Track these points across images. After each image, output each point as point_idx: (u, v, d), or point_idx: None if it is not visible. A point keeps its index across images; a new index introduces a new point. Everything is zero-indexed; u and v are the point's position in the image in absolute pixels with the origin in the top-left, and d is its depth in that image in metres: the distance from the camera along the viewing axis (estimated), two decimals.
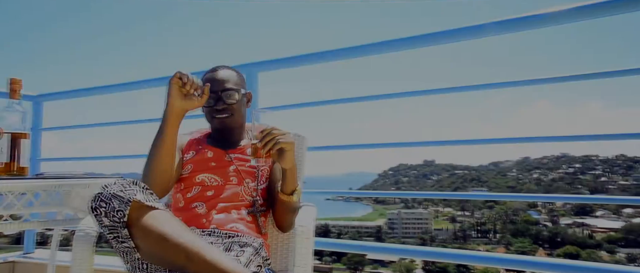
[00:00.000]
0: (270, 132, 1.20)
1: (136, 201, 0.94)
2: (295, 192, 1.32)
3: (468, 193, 30.41)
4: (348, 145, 2.28)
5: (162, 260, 0.94)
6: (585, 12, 1.41)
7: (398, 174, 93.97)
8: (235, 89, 1.41)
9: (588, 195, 40.21)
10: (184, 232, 0.95)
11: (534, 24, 1.58)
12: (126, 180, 1.00)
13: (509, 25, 1.63)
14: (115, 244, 0.96)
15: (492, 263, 1.78)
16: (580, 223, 54.61)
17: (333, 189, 4.12)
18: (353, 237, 54.92)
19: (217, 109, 1.41)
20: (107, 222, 0.93)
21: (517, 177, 78.70)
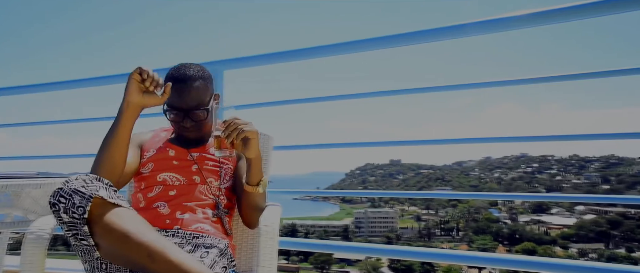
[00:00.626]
0: (232, 122, 1.18)
1: (98, 197, 0.90)
2: (261, 182, 1.30)
3: (433, 192, 31.07)
4: (315, 144, 2.27)
5: (123, 260, 0.90)
6: (547, 17, 1.46)
7: (365, 173, 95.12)
8: (203, 108, 1.34)
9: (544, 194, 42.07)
10: (147, 231, 0.91)
11: (501, 27, 1.61)
12: (90, 176, 0.96)
13: (477, 27, 1.66)
14: (74, 242, 0.92)
15: (455, 260, 1.82)
16: (537, 221, 57.08)
17: (300, 189, 4.08)
18: (320, 236, 55.11)
19: (182, 127, 1.35)
20: (67, 218, 0.89)
21: (480, 176, 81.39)
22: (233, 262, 1.23)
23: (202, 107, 1.35)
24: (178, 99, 1.32)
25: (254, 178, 1.29)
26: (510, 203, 63.18)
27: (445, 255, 1.85)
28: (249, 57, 2.16)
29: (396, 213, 64.21)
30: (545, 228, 54.62)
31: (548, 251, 45.26)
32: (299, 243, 2.16)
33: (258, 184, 1.30)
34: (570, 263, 1.54)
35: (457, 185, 77.36)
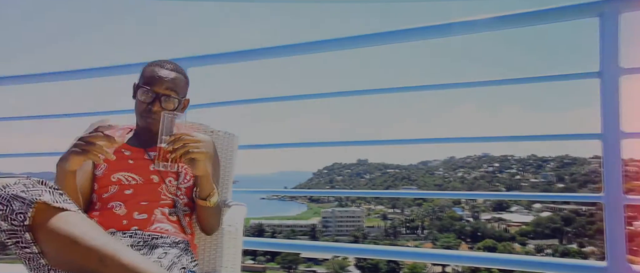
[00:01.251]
0: (180, 138, 1.13)
1: (41, 202, 0.85)
2: (211, 196, 1.27)
3: (399, 191, 31.58)
4: (281, 143, 2.26)
5: (71, 266, 0.85)
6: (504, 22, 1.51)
7: (333, 173, 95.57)
8: (176, 98, 1.32)
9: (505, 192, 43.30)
10: (97, 234, 0.87)
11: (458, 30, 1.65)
12: (31, 180, 0.90)
13: (439, 30, 1.69)
14: (16, 250, 0.86)
15: (419, 258, 1.86)
16: (498, 218, 59.13)
17: (268, 188, 4.06)
18: (287, 236, 54.96)
19: (149, 109, 1.31)
20: (6, 225, 0.84)
21: (444, 176, 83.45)
22: (194, 262, 1.20)
23: (176, 96, 1.33)
24: (156, 80, 1.30)
25: (203, 192, 1.26)
26: (473, 201, 65.14)
27: (410, 253, 1.88)
28: (215, 54, 2.12)
29: (363, 213, 64.90)
30: (505, 225, 56.63)
31: (508, 247, 46.99)
32: (265, 243, 2.14)
33: (208, 198, 1.27)
34: (527, 259, 1.61)
35: (422, 184, 79.01)
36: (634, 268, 1.31)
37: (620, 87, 1.31)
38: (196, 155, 1.15)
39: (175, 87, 1.32)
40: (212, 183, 1.27)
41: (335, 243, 2.23)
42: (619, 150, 1.32)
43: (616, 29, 1.32)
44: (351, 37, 1.92)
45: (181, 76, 1.36)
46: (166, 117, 1.14)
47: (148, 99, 1.31)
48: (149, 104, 1.31)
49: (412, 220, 61.82)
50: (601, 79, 1.32)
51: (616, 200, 1.32)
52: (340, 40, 1.96)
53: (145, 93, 1.31)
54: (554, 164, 78.78)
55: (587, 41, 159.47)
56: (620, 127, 1.31)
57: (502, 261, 1.63)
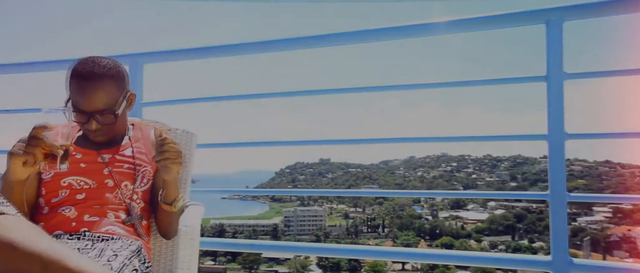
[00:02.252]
0: (167, 145, 1.14)
1: None
2: (177, 200, 1.24)
3: (360, 190, 31.83)
4: (241, 142, 2.23)
5: None
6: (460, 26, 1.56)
7: (295, 172, 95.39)
8: (111, 111, 1.19)
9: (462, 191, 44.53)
10: (39, 238, 0.81)
11: (421, 32, 1.69)
12: None
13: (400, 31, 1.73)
14: None
15: (380, 256, 1.89)
16: (455, 216, 61.11)
17: (229, 188, 3.99)
18: (249, 236, 54.38)
19: (88, 128, 1.22)
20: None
21: (404, 175, 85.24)
22: (147, 265, 1.16)
23: (111, 109, 1.20)
24: (82, 99, 1.17)
25: (168, 197, 1.23)
26: (432, 200, 66.87)
27: (371, 251, 1.92)
28: (172, 50, 2.06)
29: (325, 212, 65.24)
30: (462, 223, 58.58)
31: (464, 244, 48.67)
32: (225, 243, 2.11)
33: (172, 203, 1.24)
34: (481, 255, 1.68)
35: (383, 183, 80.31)
36: (575, 262, 1.40)
37: (564, 90, 1.39)
38: (173, 166, 1.14)
39: (106, 99, 1.19)
40: (178, 188, 1.25)
41: (297, 242, 2.23)
42: (562, 151, 1.39)
43: (561, 36, 1.39)
44: (315, 37, 1.93)
45: (110, 81, 1.20)
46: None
47: (83, 120, 1.21)
48: (85, 123, 1.21)
49: (373, 219, 62.76)
50: (547, 83, 1.40)
51: (560, 198, 1.40)
52: (305, 39, 1.96)
53: (77, 116, 1.20)
54: (508, 164, 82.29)
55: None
56: (564, 128, 1.39)
57: (458, 258, 1.70)
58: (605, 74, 1.50)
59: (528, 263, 1.49)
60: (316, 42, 1.94)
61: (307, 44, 1.98)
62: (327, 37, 1.88)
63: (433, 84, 1.76)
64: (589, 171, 72.00)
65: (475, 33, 1.57)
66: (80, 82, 1.17)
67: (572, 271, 1.37)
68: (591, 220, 53.18)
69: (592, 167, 73.71)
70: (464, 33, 1.53)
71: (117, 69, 1.24)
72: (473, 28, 1.52)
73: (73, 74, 1.19)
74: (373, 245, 48.52)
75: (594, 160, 76.51)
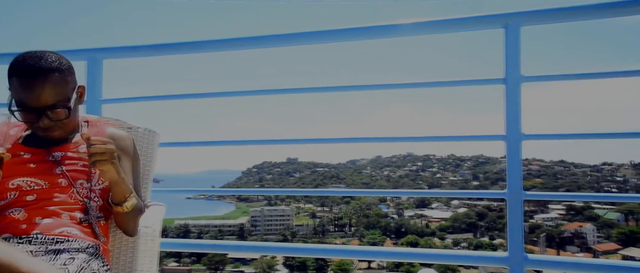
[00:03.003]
0: (95, 151, 1.07)
1: None
2: (127, 200, 1.18)
3: (328, 189, 32.09)
4: (206, 141, 2.19)
5: None
6: (423, 28, 1.60)
7: (262, 171, 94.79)
8: (63, 105, 1.13)
9: (427, 190, 45.68)
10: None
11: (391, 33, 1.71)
12: None
13: (365, 32, 1.75)
14: None
15: (347, 255, 1.90)
16: (420, 215, 62.45)
17: (194, 187, 3.94)
18: (215, 236, 53.54)
19: (38, 127, 1.14)
20: None
21: (371, 174, 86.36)
22: (105, 267, 1.11)
23: (63, 103, 1.14)
24: (30, 96, 1.09)
25: (115, 198, 1.17)
26: (398, 199, 68.01)
27: (338, 250, 1.93)
28: (133, 46, 2.00)
29: (292, 211, 65.12)
30: (426, 221, 59.92)
31: (428, 242, 49.83)
32: (188, 244, 2.07)
33: (122, 204, 1.18)
34: (443, 253, 1.72)
35: (350, 182, 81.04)
36: (530, 257, 1.45)
37: (521, 93, 1.45)
38: (105, 167, 1.07)
39: (56, 93, 1.11)
40: (126, 187, 1.18)
41: (263, 242, 2.22)
42: (519, 151, 1.45)
43: (518, 40, 1.45)
44: (282, 35, 1.91)
45: (57, 75, 1.12)
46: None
47: (32, 118, 1.13)
48: (35, 122, 1.13)
49: (340, 218, 63.17)
50: (505, 85, 1.45)
51: (516, 196, 1.46)
52: (272, 37, 1.94)
53: (25, 115, 1.12)
54: (471, 163, 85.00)
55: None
56: (520, 129, 1.45)
57: (422, 255, 1.73)
58: (561, 78, 1.56)
59: (486, 260, 1.55)
60: (284, 41, 1.93)
61: (274, 43, 1.97)
62: (295, 36, 1.88)
63: (397, 85, 1.79)
64: (545, 170, 75.32)
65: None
66: (25, 79, 1.09)
67: (526, 266, 1.43)
68: (547, 217, 55.64)
69: (549, 167, 77.17)
70: (426, 35, 1.56)
71: (63, 61, 1.17)
72: (434, 31, 1.56)
73: (15, 70, 1.10)
74: (340, 244, 48.89)
75: (550, 160, 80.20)
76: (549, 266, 1.50)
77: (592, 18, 1.47)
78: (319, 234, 58.46)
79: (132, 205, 1.19)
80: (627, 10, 1.42)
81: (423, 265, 44.32)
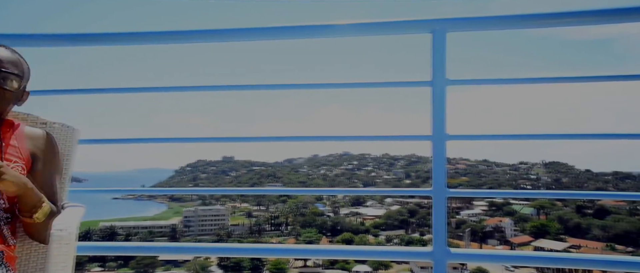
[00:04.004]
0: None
1: None
2: (36, 212, 1.09)
3: (264, 188, 31.67)
4: (135, 139, 2.06)
5: None
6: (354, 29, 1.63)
7: (196, 170, 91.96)
8: (18, 75, 1.11)
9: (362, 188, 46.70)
10: None
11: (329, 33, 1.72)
12: None
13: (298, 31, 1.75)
14: None
15: (283, 254, 1.90)
16: (355, 213, 64.00)
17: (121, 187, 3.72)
18: (144, 238, 51.02)
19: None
20: None
21: (308, 173, 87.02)
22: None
23: (17, 76, 1.12)
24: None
25: (23, 208, 1.08)
26: (334, 197, 69.16)
27: (273, 249, 1.91)
28: (45, 34, 1.82)
29: (228, 211, 63.86)
30: (361, 219, 61.52)
31: (363, 239, 51.21)
32: (115, 247, 1.95)
33: (32, 215, 1.09)
34: (375, 249, 1.78)
35: (287, 181, 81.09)
36: (452, 251, 1.54)
37: (446, 95, 1.53)
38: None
39: (16, 64, 1.11)
40: (35, 197, 1.08)
41: (196, 243, 2.14)
42: (444, 150, 1.53)
43: (444, 46, 1.53)
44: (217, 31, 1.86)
45: (20, 57, 1.15)
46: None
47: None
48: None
49: (276, 217, 62.97)
50: (432, 88, 1.52)
51: (441, 194, 1.53)
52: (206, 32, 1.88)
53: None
54: (404, 162, 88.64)
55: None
56: (445, 130, 1.53)
57: (355, 252, 1.77)
58: (483, 82, 1.67)
59: (412, 255, 1.62)
60: (218, 37, 1.88)
61: (211, 38, 1.90)
62: (230, 32, 1.83)
63: (330, 84, 1.82)
64: (471, 169, 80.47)
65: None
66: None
67: (449, 260, 1.51)
68: (471, 213, 59.50)
69: (474, 166, 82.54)
70: (357, 36, 1.60)
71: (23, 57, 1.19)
72: (365, 32, 1.60)
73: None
74: (276, 243, 48.72)
75: (475, 159, 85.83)
76: (469, 259, 1.60)
77: (511, 28, 1.59)
78: (255, 234, 57.86)
79: (44, 214, 1.10)
80: (539, 23, 1.55)
81: (357, 262, 45.20)
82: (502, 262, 1.65)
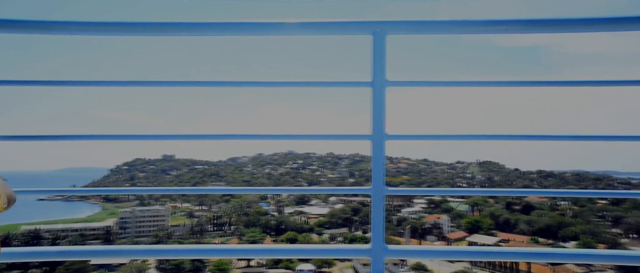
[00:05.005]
0: None
1: None
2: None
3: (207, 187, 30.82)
4: (64, 135, 1.91)
5: None
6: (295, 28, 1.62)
7: (134, 169, 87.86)
8: None
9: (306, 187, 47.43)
10: None
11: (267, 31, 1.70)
12: None
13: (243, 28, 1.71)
14: None
15: (225, 254, 1.85)
16: (300, 212, 64.20)
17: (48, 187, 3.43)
18: (75, 241, 47.86)
19: None
20: None
21: (252, 172, 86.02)
22: None
23: None
24: None
25: None
26: (278, 196, 68.93)
27: (215, 250, 1.86)
28: None
29: (168, 211, 61.55)
30: (305, 218, 61.81)
31: (307, 238, 51.47)
32: (39, 252, 1.80)
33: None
34: (317, 248, 1.79)
35: (231, 180, 79.69)
36: (389, 248, 1.58)
37: (386, 96, 1.57)
38: None
39: None
40: None
41: (133, 246, 2.03)
42: (383, 150, 1.57)
43: (384, 47, 1.57)
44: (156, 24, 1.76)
45: None
46: None
47: None
48: None
49: (219, 217, 61.67)
50: (372, 89, 1.56)
51: (379, 192, 1.57)
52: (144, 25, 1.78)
53: None
54: (348, 161, 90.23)
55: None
56: (385, 130, 1.57)
57: (297, 251, 1.77)
58: (421, 84, 1.73)
59: (352, 252, 1.65)
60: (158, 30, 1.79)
61: (148, 31, 1.81)
62: (167, 25, 1.76)
63: (274, 83, 1.80)
64: (412, 168, 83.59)
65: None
66: None
67: (386, 256, 1.55)
68: (412, 210, 61.81)
69: (414, 165, 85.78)
70: (299, 35, 1.60)
71: None
72: (307, 32, 1.60)
73: None
74: (218, 243, 47.69)
75: (416, 158, 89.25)
76: (406, 255, 1.66)
77: (446, 33, 1.66)
78: (196, 234, 56.26)
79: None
80: (472, 29, 1.64)
81: (301, 261, 45.22)
82: (437, 257, 1.73)
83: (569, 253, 1.73)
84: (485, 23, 1.57)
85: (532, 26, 1.58)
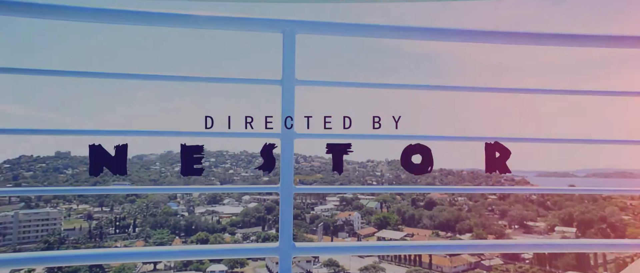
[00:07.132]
0: None
1: None
2: None
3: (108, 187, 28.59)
4: None
5: None
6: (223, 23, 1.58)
7: (19, 167, 78.48)
8: None
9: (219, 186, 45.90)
10: None
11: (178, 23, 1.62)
12: None
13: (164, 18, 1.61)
14: None
15: (127, 258, 1.72)
16: (212, 211, 62.36)
17: None
18: None
19: None
20: None
21: (160, 170, 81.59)
22: None
23: None
24: None
25: None
26: (189, 196, 66.35)
27: (116, 254, 1.73)
28: None
29: (61, 214, 55.93)
30: (218, 217, 60.25)
31: (218, 238, 50.20)
32: None
33: None
34: (228, 247, 1.76)
35: (136, 179, 74.74)
36: (297, 246, 1.61)
37: (294, 95, 1.59)
38: None
39: None
40: None
41: (14, 254, 1.80)
42: (291, 148, 1.59)
43: (293, 46, 1.58)
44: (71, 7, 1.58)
45: None
46: None
47: None
48: None
49: (122, 219, 57.58)
50: (282, 87, 1.56)
51: (288, 190, 1.59)
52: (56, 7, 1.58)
53: None
54: (262, 160, 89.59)
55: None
56: (293, 128, 1.58)
57: (205, 252, 1.72)
58: (330, 84, 1.77)
59: (260, 251, 1.65)
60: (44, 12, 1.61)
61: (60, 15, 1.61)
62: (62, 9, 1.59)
63: (184, 77, 1.73)
64: (325, 166, 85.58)
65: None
66: None
67: (294, 254, 1.57)
68: (325, 208, 63.31)
69: (328, 163, 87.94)
70: (209, 30, 1.55)
71: None
72: (217, 26, 1.56)
73: None
74: (121, 246, 44.51)
75: (329, 157, 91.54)
76: (313, 252, 1.69)
77: (353, 35, 1.72)
78: (95, 238, 51.91)
79: None
80: (377, 33, 1.72)
81: (212, 262, 44.07)
82: (344, 253, 1.78)
83: (463, 245, 1.90)
84: (389, 28, 1.66)
85: (432, 34, 1.70)
